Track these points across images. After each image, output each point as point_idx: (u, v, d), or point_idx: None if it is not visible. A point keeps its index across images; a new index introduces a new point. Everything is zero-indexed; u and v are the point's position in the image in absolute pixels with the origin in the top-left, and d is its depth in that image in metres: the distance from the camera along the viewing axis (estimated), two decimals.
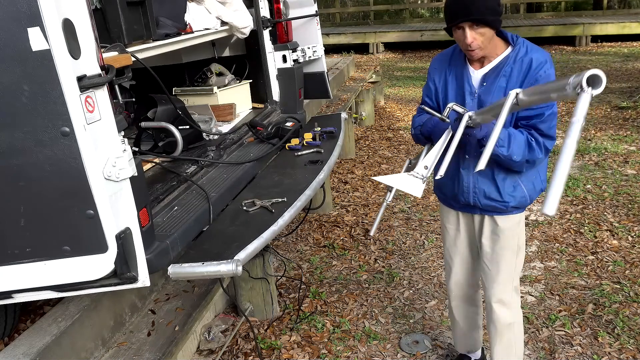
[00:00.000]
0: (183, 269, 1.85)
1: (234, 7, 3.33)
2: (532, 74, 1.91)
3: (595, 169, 5.11)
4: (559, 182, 1.19)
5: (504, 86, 1.95)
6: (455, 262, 2.39)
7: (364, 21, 17.11)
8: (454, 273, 2.41)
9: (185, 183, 2.49)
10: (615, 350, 2.69)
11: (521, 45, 1.97)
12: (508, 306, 2.26)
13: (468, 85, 2.04)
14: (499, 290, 2.24)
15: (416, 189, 1.93)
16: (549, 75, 1.92)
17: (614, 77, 9.31)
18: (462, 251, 2.35)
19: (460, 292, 2.44)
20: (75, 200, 1.62)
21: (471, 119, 1.85)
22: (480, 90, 2.01)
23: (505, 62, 1.96)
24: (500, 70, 1.96)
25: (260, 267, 3.01)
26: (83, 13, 1.56)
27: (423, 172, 1.95)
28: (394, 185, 2.01)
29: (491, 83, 1.98)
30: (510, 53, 1.96)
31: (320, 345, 2.89)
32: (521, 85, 1.90)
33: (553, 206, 1.16)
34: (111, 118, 1.64)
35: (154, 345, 2.63)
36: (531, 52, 1.94)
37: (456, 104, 1.94)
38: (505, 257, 2.20)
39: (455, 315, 2.51)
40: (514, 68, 1.94)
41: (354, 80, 8.93)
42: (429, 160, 1.96)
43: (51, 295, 1.81)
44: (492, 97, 1.97)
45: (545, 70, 1.92)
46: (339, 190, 5.08)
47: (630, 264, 3.43)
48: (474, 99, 2.03)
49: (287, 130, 3.13)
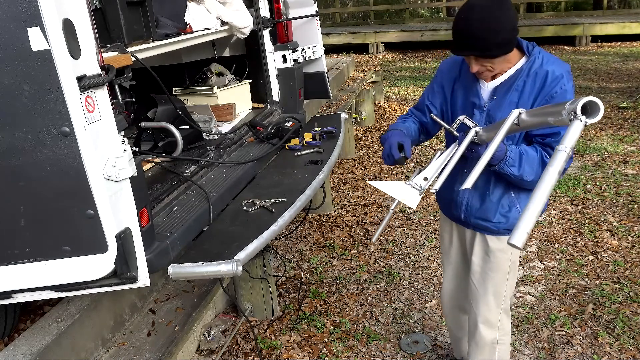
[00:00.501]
0: (183, 269, 1.85)
1: (234, 7, 3.33)
2: (546, 90, 1.75)
3: (595, 169, 5.11)
4: (533, 212, 1.11)
5: (515, 101, 1.80)
6: (447, 271, 2.35)
7: (364, 21, 17.11)
8: (446, 281, 2.37)
9: (185, 183, 2.49)
10: (615, 350, 2.69)
11: (537, 56, 1.79)
12: (494, 328, 2.16)
13: (477, 98, 1.89)
14: (485, 310, 2.14)
15: (412, 200, 1.83)
16: (565, 92, 1.74)
17: (614, 77, 9.31)
18: (455, 262, 2.30)
19: (451, 301, 2.40)
20: (75, 200, 1.61)
21: (477, 134, 1.74)
22: (490, 105, 1.86)
23: (518, 74, 1.80)
24: (513, 84, 1.81)
25: (260, 267, 3.01)
26: (83, 13, 1.56)
27: (422, 184, 1.85)
28: (389, 193, 1.88)
29: (502, 97, 1.83)
30: (524, 65, 1.79)
31: (320, 345, 2.89)
32: (534, 101, 1.77)
33: (521, 237, 1.09)
34: (111, 118, 1.64)
35: (154, 345, 2.63)
36: (547, 64, 1.77)
37: (467, 117, 1.82)
38: (494, 279, 2.09)
39: (447, 321, 2.49)
40: (527, 82, 1.78)
41: (354, 80, 8.93)
42: (430, 172, 1.86)
43: (51, 295, 1.81)
44: (503, 113, 1.82)
45: (562, 85, 1.74)
46: (339, 190, 5.08)
47: (630, 264, 3.43)
48: (482, 113, 1.89)
49: (287, 130, 3.13)
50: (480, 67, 1.77)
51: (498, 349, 2.20)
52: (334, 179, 5.35)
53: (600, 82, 9.01)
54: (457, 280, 2.33)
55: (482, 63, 1.75)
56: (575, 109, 1.16)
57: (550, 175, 1.14)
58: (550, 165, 1.15)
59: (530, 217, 1.11)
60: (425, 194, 1.90)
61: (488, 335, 2.16)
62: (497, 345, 2.19)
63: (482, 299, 2.13)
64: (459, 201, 2.05)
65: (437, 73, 2.08)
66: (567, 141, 1.16)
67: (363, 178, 5.35)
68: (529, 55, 1.80)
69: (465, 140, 1.73)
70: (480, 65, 1.76)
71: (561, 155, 1.15)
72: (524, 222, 1.11)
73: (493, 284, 2.10)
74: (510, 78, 1.82)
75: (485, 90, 1.88)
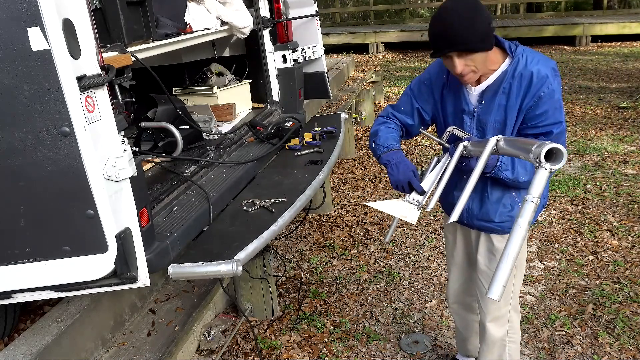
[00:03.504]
0: (183, 269, 1.85)
1: (234, 7, 3.34)
2: (533, 91, 1.74)
3: (595, 169, 5.11)
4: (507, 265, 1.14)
5: (503, 104, 1.80)
6: (453, 271, 2.35)
7: (364, 21, 17.11)
8: (451, 281, 2.38)
9: (185, 183, 2.49)
10: (615, 350, 2.69)
11: (520, 56, 1.78)
12: (503, 325, 2.17)
13: (466, 105, 1.89)
14: (494, 308, 2.14)
15: (411, 216, 1.84)
16: (552, 92, 1.74)
17: (614, 77, 9.31)
18: (459, 262, 2.30)
19: (457, 300, 2.40)
20: (75, 200, 1.62)
21: (466, 149, 1.74)
22: (479, 110, 1.86)
23: (503, 77, 1.79)
24: (499, 87, 1.80)
25: (260, 267, 3.01)
26: (83, 13, 1.56)
27: (419, 199, 1.86)
28: (388, 212, 1.90)
29: (490, 101, 1.83)
30: (509, 67, 1.78)
31: (320, 345, 2.89)
32: (522, 102, 1.77)
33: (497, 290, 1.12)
34: (111, 118, 1.64)
35: (154, 345, 2.63)
36: (531, 64, 1.75)
37: (456, 128, 1.83)
38: None
39: (455, 320, 2.49)
40: (513, 84, 1.77)
41: (354, 80, 8.93)
42: (425, 186, 1.87)
43: (51, 295, 1.81)
44: (492, 116, 1.83)
45: (549, 85, 1.73)
46: (339, 190, 5.08)
47: (630, 264, 3.43)
48: (472, 119, 1.89)
49: (287, 130, 3.13)
50: (464, 68, 1.73)
51: (508, 346, 2.21)
52: (334, 179, 5.35)
53: (600, 82, 9.01)
54: (463, 280, 2.34)
55: (465, 62, 1.72)
56: (539, 156, 1.17)
57: (521, 227, 1.16)
58: (520, 217, 1.16)
59: (504, 270, 1.14)
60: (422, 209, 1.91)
61: (497, 332, 2.17)
62: (507, 343, 2.20)
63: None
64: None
65: (424, 74, 2.04)
66: (534, 190, 1.18)
67: (363, 178, 5.35)
68: (513, 56, 1.79)
69: (455, 155, 1.75)
70: (463, 65, 1.73)
71: (529, 205, 1.17)
72: (499, 275, 1.15)
73: None
74: (496, 81, 1.81)
75: (473, 96, 1.88)
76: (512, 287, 2.14)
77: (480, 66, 1.75)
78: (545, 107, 1.75)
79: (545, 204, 2.09)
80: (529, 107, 1.77)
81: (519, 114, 1.80)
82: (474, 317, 2.42)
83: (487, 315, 2.16)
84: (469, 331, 2.47)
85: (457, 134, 1.82)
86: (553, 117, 1.76)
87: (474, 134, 1.91)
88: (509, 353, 2.23)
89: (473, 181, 1.49)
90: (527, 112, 1.78)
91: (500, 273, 1.14)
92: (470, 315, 2.42)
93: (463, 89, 1.89)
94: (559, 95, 1.77)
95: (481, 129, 1.89)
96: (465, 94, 1.89)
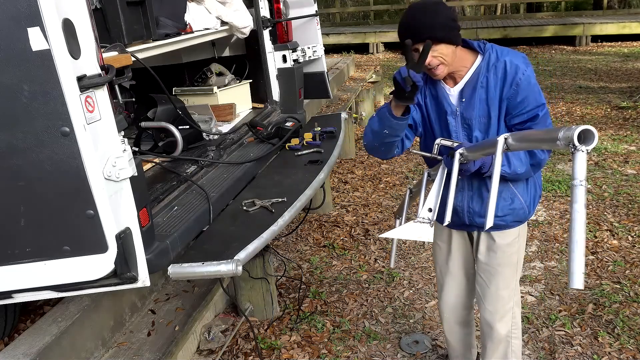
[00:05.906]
0: (183, 269, 1.85)
1: (234, 7, 3.34)
2: (509, 79, 1.81)
3: (595, 169, 5.11)
4: (579, 252, 1.15)
5: (484, 97, 1.85)
6: (447, 282, 2.28)
7: (364, 21, 17.11)
8: (445, 294, 2.30)
9: (185, 183, 2.49)
10: (615, 350, 2.69)
11: (490, 51, 1.85)
12: (506, 321, 2.16)
13: (447, 105, 1.93)
14: (499, 305, 2.14)
15: (426, 234, 1.88)
16: (528, 77, 1.81)
17: (614, 77, 9.31)
18: (455, 272, 2.25)
19: (452, 315, 2.33)
20: (75, 200, 1.62)
21: (463, 156, 1.78)
22: (462, 108, 1.90)
23: (478, 72, 1.85)
24: (477, 82, 1.85)
25: (260, 267, 3.01)
26: (83, 13, 1.56)
27: (429, 216, 1.88)
28: (404, 237, 1.95)
29: (470, 97, 1.87)
30: (482, 62, 1.85)
31: (320, 345, 2.89)
32: (501, 92, 1.82)
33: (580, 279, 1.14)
34: (111, 118, 1.64)
35: (154, 345, 2.63)
36: (502, 56, 1.83)
37: (444, 139, 1.87)
38: (504, 274, 2.10)
39: (447, 337, 2.42)
40: (489, 76, 1.83)
41: (354, 80, 8.93)
42: (431, 202, 1.89)
43: (51, 295, 1.81)
44: (476, 111, 1.87)
45: (523, 72, 1.81)
46: (339, 190, 5.08)
47: (630, 264, 3.43)
48: (456, 118, 1.92)
49: (287, 130, 3.13)
50: (432, 59, 1.78)
51: (512, 343, 2.21)
52: (334, 179, 5.35)
53: (600, 82, 9.01)
54: (458, 292, 2.29)
55: (432, 53, 1.76)
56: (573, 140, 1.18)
57: (579, 212, 1.17)
58: (575, 203, 1.17)
59: (579, 257, 1.15)
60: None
61: (502, 328, 2.17)
62: (511, 340, 2.20)
63: (494, 294, 2.13)
64: (458, 207, 2.04)
65: None
66: (578, 174, 1.19)
67: (363, 178, 5.36)
68: (483, 53, 1.86)
69: (455, 165, 1.78)
70: (431, 57, 1.77)
71: (580, 190, 1.17)
72: (575, 264, 1.15)
73: (503, 278, 2.11)
74: (472, 77, 1.87)
75: (452, 96, 1.92)
76: (515, 283, 2.15)
77: (449, 59, 1.81)
78: (525, 93, 1.82)
79: (540, 195, 2.11)
80: (509, 96, 1.83)
81: (500, 104, 1.85)
82: (469, 330, 2.40)
83: (494, 314, 2.15)
84: (464, 346, 2.43)
85: (446, 143, 1.86)
86: (535, 101, 1.83)
87: (461, 133, 1.93)
88: (513, 350, 2.22)
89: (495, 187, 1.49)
90: (509, 102, 1.84)
91: (576, 262, 1.14)
92: (465, 329, 2.38)
93: (443, 92, 1.93)
94: (535, 80, 1.85)
95: (467, 126, 1.92)
96: (445, 96, 1.93)
